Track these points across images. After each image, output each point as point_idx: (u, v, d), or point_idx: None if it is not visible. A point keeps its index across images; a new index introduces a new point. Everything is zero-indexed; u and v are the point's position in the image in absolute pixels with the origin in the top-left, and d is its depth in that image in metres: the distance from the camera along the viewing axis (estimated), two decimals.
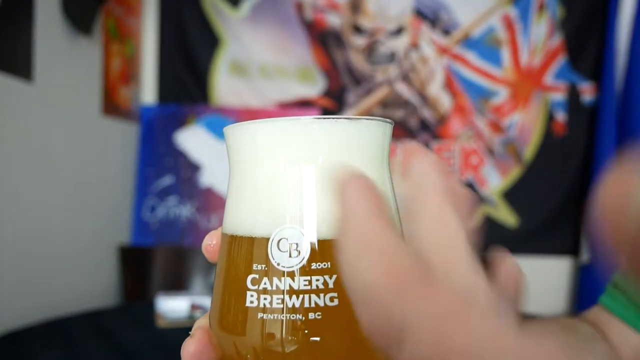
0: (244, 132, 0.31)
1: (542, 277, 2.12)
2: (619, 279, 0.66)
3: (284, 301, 0.28)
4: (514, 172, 2.12)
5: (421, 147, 0.29)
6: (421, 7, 2.10)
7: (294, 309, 0.28)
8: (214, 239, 0.35)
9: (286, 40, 2.12)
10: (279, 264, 0.28)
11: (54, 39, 1.50)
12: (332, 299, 0.28)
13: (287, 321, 0.28)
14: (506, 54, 2.10)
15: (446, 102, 2.12)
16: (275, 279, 0.28)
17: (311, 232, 0.29)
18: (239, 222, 0.31)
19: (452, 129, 2.12)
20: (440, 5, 2.10)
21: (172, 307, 1.32)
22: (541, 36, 2.09)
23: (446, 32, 2.11)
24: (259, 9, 2.11)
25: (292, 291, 0.28)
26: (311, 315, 0.28)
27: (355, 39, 2.12)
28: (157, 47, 2.11)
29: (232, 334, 0.30)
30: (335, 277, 0.28)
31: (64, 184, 1.56)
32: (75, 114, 1.62)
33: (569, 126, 2.10)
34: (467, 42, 2.10)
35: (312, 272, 0.28)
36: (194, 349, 0.31)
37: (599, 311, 0.67)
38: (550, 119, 2.10)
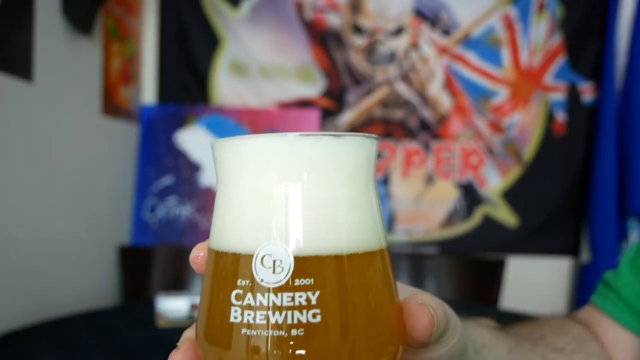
0: (230, 147, 0.31)
1: (542, 277, 2.12)
2: (610, 278, 0.66)
3: (267, 317, 0.28)
4: (514, 172, 2.12)
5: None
6: (421, 7, 2.10)
7: (277, 325, 0.28)
8: (202, 252, 0.35)
9: (286, 40, 2.12)
10: (262, 280, 0.29)
11: (54, 39, 1.50)
12: (314, 316, 0.28)
13: (271, 337, 0.28)
14: (506, 54, 2.10)
15: (446, 102, 2.12)
16: (258, 295, 0.29)
17: (295, 249, 0.29)
18: (224, 237, 0.31)
19: (452, 129, 2.12)
20: (440, 5, 2.10)
21: (172, 307, 1.32)
22: (541, 36, 2.09)
23: (446, 32, 2.11)
24: (259, 9, 2.11)
25: (275, 307, 0.28)
26: (294, 331, 0.28)
27: (355, 39, 2.12)
28: (157, 47, 2.11)
29: (218, 348, 0.30)
30: (318, 293, 0.28)
31: (64, 184, 1.56)
32: (75, 114, 1.62)
33: (569, 126, 2.10)
34: (467, 42, 2.10)
35: (295, 289, 0.28)
36: None
37: (591, 310, 0.67)
38: (550, 119, 2.10)
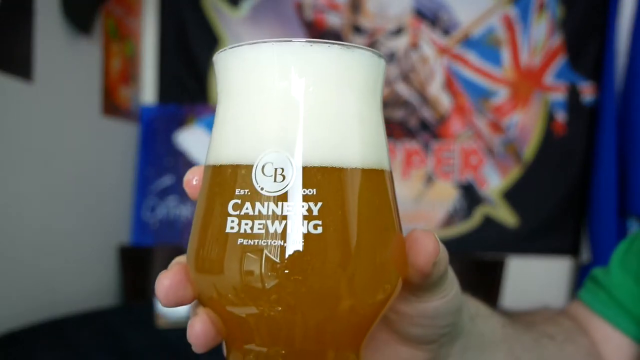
0: (234, 56, 0.30)
1: (542, 277, 2.12)
2: (599, 275, 0.66)
3: (266, 226, 0.27)
4: (514, 172, 2.12)
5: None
6: (421, 7, 2.10)
7: (276, 235, 0.26)
8: (196, 174, 0.33)
9: None
10: (262, 189, 0.27)
11: (54, 39, 1.50)
12: (315, 227, 0.27)
13: (269, 247, 0.26)
14: (506, 54, 2.10)
15: (446, 102, 2.12)
16: (257, 204, 0.27)
17: (298, 158, 0.27)
18: (223, 150, 0.30)
19: (452, 129, 2.12)
20: (440, 5, 2.10)
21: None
22: (541, 36, 2.09)
23: (446, 32, 2.11)
24: (258, 9, 2.11)
25: (275, 216, 0.27)
26: (293, 242, 0.26)
27: (355, 39, 2.12)
28: (157, 47, 2.11)
29: (211, 265, 0.28)
30: (320, 204, 0.27)
31: (64, 184, 1.56)
32: (75, 114, 1.62)
33: (569, 126, 2.10)
34: (467, 42, 2.10)
35: (297, 198, 0.27)
36: (170, 282, 0.30)
37: (579, 307, 0.66)
38: (550, 119, 2.10)
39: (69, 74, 1.58)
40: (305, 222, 0.26)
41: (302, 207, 0.27)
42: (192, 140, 2.05)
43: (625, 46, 1.98)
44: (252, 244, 0.27)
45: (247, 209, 0.27)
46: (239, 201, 0.27)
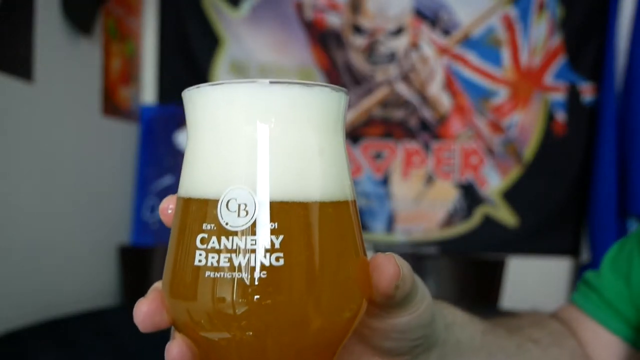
0: (200, 94, 0.31)
1: (542, 277, 2.12)
2: (591, 277, 0.67)
3: (231, 260, 0.28)
4: (514, 172, 2.12)
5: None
6: (421, 7, 2.10)
7: (240, 268, 0.28)
8: (171, 203, 0.35)
9: (286, 40, 2.12)
10: (227, 224, 0.29)
11: (54, 39, 1.50)
12: (277, 259, 0.28)
13: (234, 279, 0.28)
14: (506, 54, 2.10)
15: (446, 102, 2.12)
16: (223, 238, 0.29)
17: (260, 194, 0.29)
18: (192, 184, 0.32)
19: (452, 129, 2.12)
20: (440, 5, 2.10)
21: None
22: (541, 36, 2.09)
23: (446, 32, 2.11)
24: (259, 9, 2.11)
25: (239, 250, 0.28)
26: (257, 274, 0.28)
27: (355, 39, 2.12)
28: (157, 47, 2.11)
29: (182, 293, 0.30)
30: (282, 237, 0.29)
31: (64, 184, 1.56)
32: (75, 114, 1.62)
33: (569, 126, 2.10)
34: (467, 42, 2.10)
35: (259, 232, 0.29)
36: (147, 308, 0.32)
37: (572, 309, 0.67)
38: (550, 119, 2.10)
39: (69, 74, 1.58)
40: (267, 254, 0.28)
41: (264, 240, 0.29)
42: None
43: (625, 46, 1.98)
44: (219, 276, 0.29)
45: (213, 242, 0.29)
46: (206, 235, 0.29)
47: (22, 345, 1.07)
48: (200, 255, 0.29)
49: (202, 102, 0.32)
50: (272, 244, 0.28)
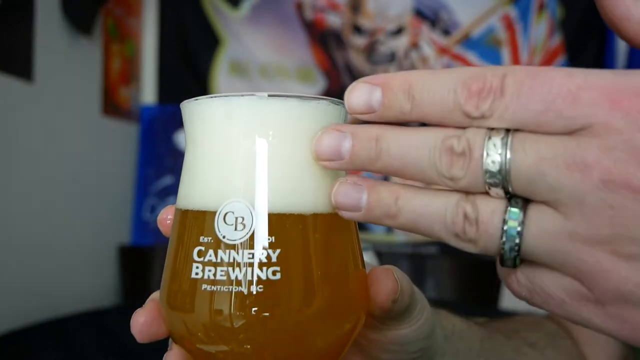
0: (197, 106, 0.32)
1: None
2: None
3: (228, 273, 0.28)
4: None
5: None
6: (421, 7, 2.10)
7: (237, 282, 0.28)
8: (169, 214, 0.35)
9: (286, 40, 2.12)
10: (224, 237, 0.29)
11: (54, 39, 1.50)
12: (274, 273, 0.28)
13: (230, 293, 0.28)
14: (506, 54, 2.10)
15: None
16: (220, 252, 0.29)
17: (258, 207, 0.29)
18: (189, 196, 0.32)
19: None
20: (440, 5, 2.11)
21: None
22: (541, 36, 2.09)
23: (446, 32, 2.11)
24: (259, 9, 2.11)
25: (236, 264, 0.28)
26: (253, 288, 0.28)
27: (355, 39, 2.12)
28: (157, 47, 2.11)
29: (179, 305, 0.30)
30: (279, 251, 0.29)
31: (64, 184, 1.56)
32: (75, 114, 1.62)
33: None
34: (467, 42, 2.10)
35: (256, 246, 0.29)
36: (144, 319, 0.32)
37: None
38: None
39: (69, 74, 1.58)
40: (264, 268, 0.28)
41: (261, 254, 0.29)
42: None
43: (625, 46, 1.98)
44: (215, 290, 0.29)
45: (210, 256, 0.29)
46: (203, 248, 0.29)
47: (22, 345, 1.07)
48: (197, 268, 0.29)
49: (200, 115, 0.32)
50: (269, 257, 0.28)
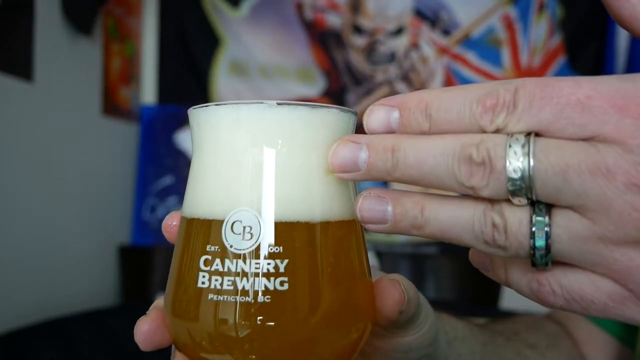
0: (206, 114, 0.31)
1: None
2: None
3: (235, 283, 0.28)
4: None
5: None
6: (421, 7, 2.10)
7: (244, 292, 0.28)
8: (175, 220, 0.34)
9: (286, 40, 2.12)
10: (231, 246, 0.29)
11: (54, 39, 1.50)
12: (282, 283, 0.28)
13: (237, 303, 0.28)
14: (506, 54, 2.10)
15: None
16: (227, 261, 0.29)
17: (266, 216, 0.29)
18: (196, 204, 0.31)
19: None
20: (440, 5, 2.10)
21: None
22: (541, 36, 2.09)
23: (446, 32, 2.11)
24: (259, 9, 2.11)
25: (243, 274, 0.28)
26: (261, 298, 0.28)
27: (355, 39, 2.12)
28: (157, 47, 2.11)
29: (184, 314, 0.30)
30: (287, 261, 0.28)
31: (64, 184, 1.56)
32: (75, 114, 1.62)
33: None
34: (467, 42, 2.10)
35: (263, 256, 0.28)
36: (148, 327, 0.32)
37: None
38: None
39: (69, 74, 1.58)
40: (271, 279, 0.28)
41: (268, 264, 0.28)
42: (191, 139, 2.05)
43: (625, 46, 1.98)
44: (222, 299, 0.28)
45: (217, 265, 0.29)
46: (210, 257, 0.29)
47: (22, 345, 1.07)
48: (203, 277, 0.29)
49: (208, 122, 0.31)
50: (276, 267, 0.28)
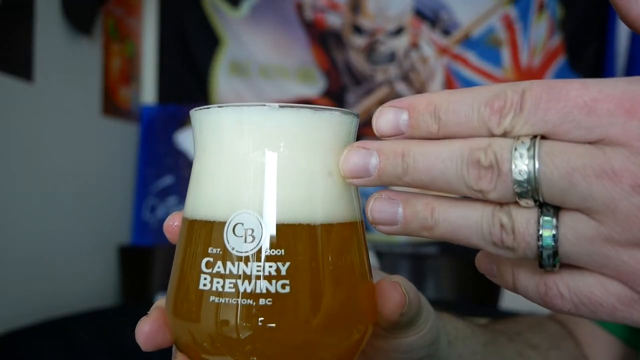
0: (208, 115, 0.31)
1: None
2: None
3: (236, 285, 0.28)
4: None
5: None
6: (421, 7, 2.10)
7: (246, 294, 0.28)
8: (176, 220, 0.34)
9: (286, 40, 2.12)
10: (233, 249, 0.29)
11: (54, 39, 1.50)
12: (283, 286, 0.28)
13: (239, 306, 0.28)
14: (506, 54, 2.10)
15: None
16: (229, 264, 0.29)
17: (268, 219, 0.29)
18: (198, 206, 0.31)
19: None
20: (440, 5, 2.10)
21: None
22: (541, 36, 2.09)
23: (446, 32, 2.11)
24: (259, 9, 2.11)
25: (244, 276, 0.28)
26: (262, 301, 0.28)
27: (355, 39, 2.12)
28: (157, 47, 2.11)
29: (185, 317, 0.30)
30: (288, 264, 0.28)
31: (64, 184, 1.56)
32: (75, 114, 1.62)
33: None
34: (467, 42, 2.10)
35: (265, 259, 0.28)
36: (149, 328, 0.32)
37: None
38: None
39: (69, 74, 1.58)
40: (273, 281, 0.28)
41: (270, 267, 0.28)
42: (192, 140, 2.05)
43: (625, 46, 1.98)
44: (223, 302, 0.28)
45: (218, 267, 0.29)
46: (212, 259, 0.29)
47: (22, 345, 1.07)
48: (205, 279, 0.29)
49: (210, 124, 0.31)
50: (278, 270, 0.28)
